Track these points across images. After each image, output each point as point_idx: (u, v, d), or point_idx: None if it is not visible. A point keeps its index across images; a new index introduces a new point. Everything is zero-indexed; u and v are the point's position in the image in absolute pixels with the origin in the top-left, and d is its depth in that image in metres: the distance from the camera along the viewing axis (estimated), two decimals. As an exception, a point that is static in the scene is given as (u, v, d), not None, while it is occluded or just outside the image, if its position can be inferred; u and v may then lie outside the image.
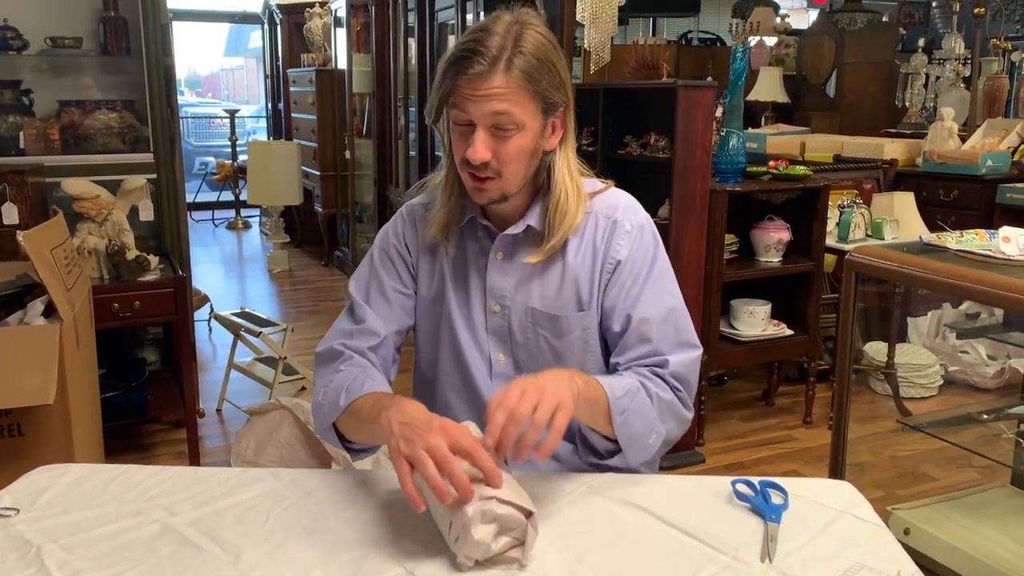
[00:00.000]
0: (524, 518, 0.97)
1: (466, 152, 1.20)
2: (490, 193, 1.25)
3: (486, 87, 1.16)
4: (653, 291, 1.30)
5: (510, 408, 1.01)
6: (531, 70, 1.18)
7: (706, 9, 6.35)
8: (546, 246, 1.28)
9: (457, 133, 1.23)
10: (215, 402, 3.48)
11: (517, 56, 1.17)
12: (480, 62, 1.16)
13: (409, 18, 4.84)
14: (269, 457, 2.27)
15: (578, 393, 1.09)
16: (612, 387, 1.19)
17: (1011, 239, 1.79)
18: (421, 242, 1.38)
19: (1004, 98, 4.64)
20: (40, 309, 2.09)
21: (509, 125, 1.19)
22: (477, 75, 1.16)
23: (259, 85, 9.90)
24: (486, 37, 1.17)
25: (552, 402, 1.03)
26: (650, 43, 4.67)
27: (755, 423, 3.34)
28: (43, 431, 2.02)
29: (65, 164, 3.03)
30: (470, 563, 0.97)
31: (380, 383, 1.25)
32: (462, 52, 1.18)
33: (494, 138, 1.20)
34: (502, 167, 1.21)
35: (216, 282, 5.68)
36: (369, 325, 1.33)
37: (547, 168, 1.29)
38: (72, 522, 1.07)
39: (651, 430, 1.23)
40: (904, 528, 2.11)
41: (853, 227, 3.38)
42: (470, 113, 1.18)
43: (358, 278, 1.40)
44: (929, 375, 3.53)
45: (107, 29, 3.13)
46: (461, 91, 1.18)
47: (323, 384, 1.28)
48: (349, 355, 1.30)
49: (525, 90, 1.18)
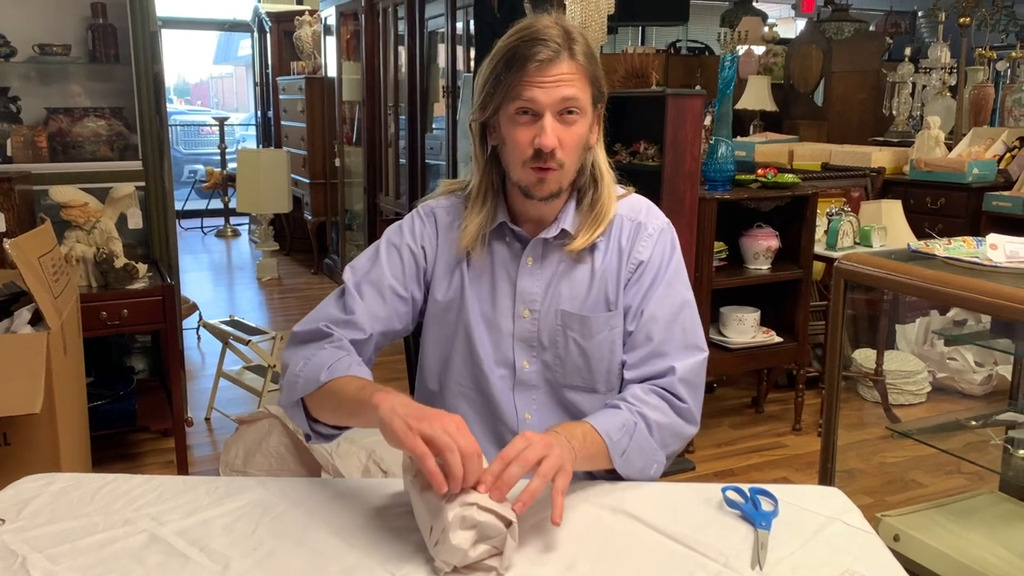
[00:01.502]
0: (504, 527, 0.97)
1: (538, 140, 1.21)
2: (551, 185, 1.26)
3: (555, 72, 1.20)
4: (665, 291, 1.32)
5: (516, 452, 1.03)
6: (589, 56, 1.23)
7: (695, 18, 6.37)
8: (587, 236, 1.31)
9: (518, 128, 1.24)
10: (204, 411, 3.46)
11: (575, 43, 1.22)
12: (546, 50, 1.19)
13: (399, 26, 4.85)
14: (258, 466, 2.26)
15: (575, 456, 1.12)
16: (608, 431, 1.19)
17: (998, 246, 1.80)
18: (442, 246, 1.36)
19: (990, 107, 4.69)
20: (27, 317, 2.07)
21: (575, 110, 1.22)
22: (546, 61, 1.19)
23: (248, 93, 9.88)
24: (543, 29, 1.21)
25: (556, 461, 1.05)
26: (639, 52, 4.68)
27: (745, 430, 3.35)
28: (30, 440, 2.00)
29: (53, 172, 3.02)
30: (447, 568, 0.97)
31: (366, 373, 1.21)
32: (523, 43, 1.20)
33: (561, 125, 1.23)
34: (566, 156, 1.24)
35: (205, 290, 5.66)
36: (357, 318, 1.29)
37: (593, 164, 1.32)
38: (58, 532, 1.06)
39: (652, 461, 1.25)
40: (894, 535, 2.12)
41: (841, 235, 3.40)
42: (539, 101, 1.20)
43: (356, 266, 1.35)
44: (917, 382, 3.55)
45: (96, 36, 3.12)
46: (530, 79, 1.20)
47: (304, 357, 1.23)
48: (338, 338, 1.27)
49: (586, 75, 1.23)
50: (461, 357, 1.36)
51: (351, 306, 1.30)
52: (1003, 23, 5.56)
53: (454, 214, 1.37)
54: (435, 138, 4.56)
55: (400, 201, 4.97)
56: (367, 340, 1.30)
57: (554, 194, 1.28)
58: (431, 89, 4.70)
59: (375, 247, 1.37)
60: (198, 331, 4.48)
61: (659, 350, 1.30)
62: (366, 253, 1.37)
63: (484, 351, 1.34)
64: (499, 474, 1.01)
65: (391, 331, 1.34)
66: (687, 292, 1.35)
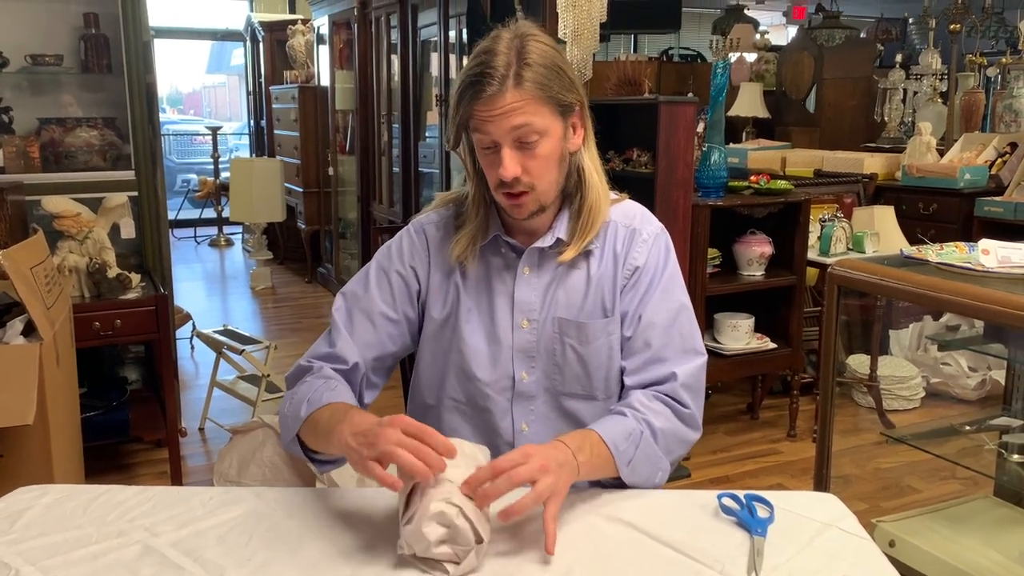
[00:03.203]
0: (474, 542, 0.98)
1: (499, 173, 1.22)
2: (527, 207, 1.26)
3: (500, 105, 1.19)
4: (661, 296, 1.32)
5: (507, 467, 1.03)
6: (540, 79, 1.20)
7: (687, 26, 6.40)
8: (579, 244, 1.30)
9: (485, 158, 1.25)
10: (197, 421, 3.45)
11: (524, 69, 1.19)
12: (490, 84, 1.18)
13: (392, 35, 4.85)
14: (252, 476, 2.25)
15: (578, 472, 1.12)
16: (615, 440, 1.19)
17: (990, 251, 1.81)
18: (434, 263, 1.37)
19: (981, 112, 4.71)
20: (20, 328, 2.06)
21: (532, 136, 1.21)
22: (490, 96, 1.18)
23: (241, 102, 9.87)
24: (490, 59, 1.19)
25: (551, 486, 1.04)
26: (632, 60, 4.70)
27: (740, 437, 3.35)
28: (22, 452, 1.99)
29: (45, 182, 3.01)
30: (408, 550, 0.98)
31: (341, 394, 1.23)
32: (471, 78, 1.20)
33: (521, 152, 1.22)
34: (534, 180, 1.24)
35: (198, 300, 5.65)
36: (339, 350, 1.32)
37: (577, 170, 1.31)
38: (51, 544, 1.06)
39: (657, 469, 1.25)
40: (889, 540, 2.12)
41: (834, 241, 3.41)
42: (491, 134, 1.20)
43: (348, 292, 1.38)
44: (911, 387, 3.56)
45: (88, 47, 3.11)
46: (478, 115, 1.20)
47: (290, 396, 1.28)
48: (318, 367, 1.30)
49: (538, 98, 1.20)
50: (456, 372, 1.36)
51: (334, 339, 1.33)
52: (993, 29, 5.59)
53: (444, 229, 1.37)
54: (428, 146, 4.56)
55: (394, 209, 4.97)
56: (353, 369, 1.32)
57: (534, 213, 1.28)
58: (424, 98, 4.70)
59: (365, 271, 1.39)
60: (191, 341, 4.47)
61: (658, 355, 1.30)
62: (357, 277, 1.39)
63: (480, 365, 1.34)
64: (484, 481, 1.01)
65: (386, 354, 1.36)
66: (684, 296, 1.35)
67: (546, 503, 1.03)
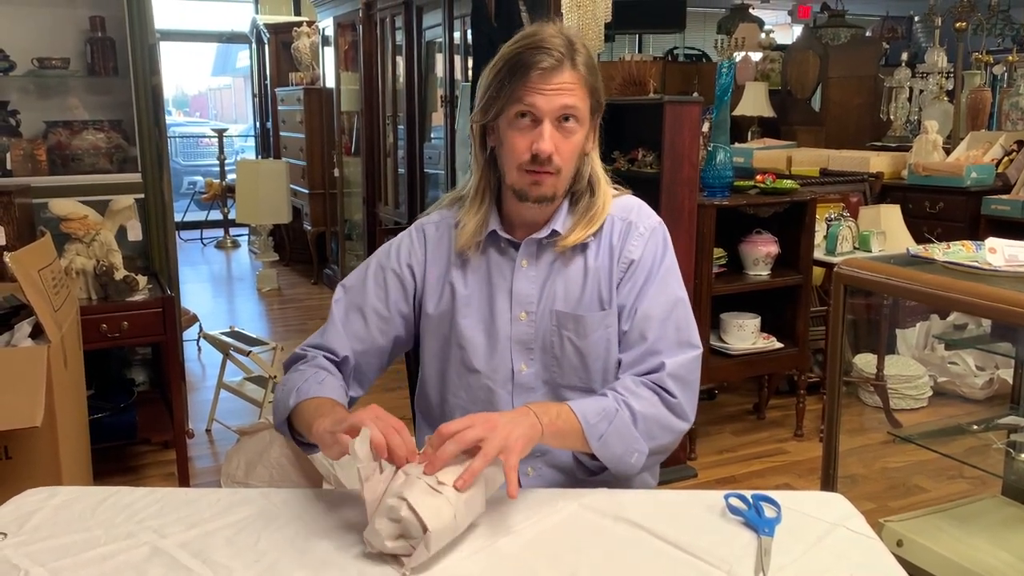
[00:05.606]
0: (421, 531, 0.99)
1: (535, 145, 1.24)
2: (546, 188, 1.28)
3: (557, 81, 1.22)
4: (657, 289, 1.33)
5: (454, 431, 1.06)
6: (590, 67, 1.26)
7: (691, 26, 6.39)
8: (580, 235, 1.32)
9: (516, 131, 1.26)
10: (205, 422, 3.46)
11: (578, 54, 1.24)
12: (549, 58, 1.21)
13: (397, 36, 4.86)
14: (259, 477, 2.25)
15: (542, 431, 1.15)
16: (585, 413, 1.22)
17: (997, 250, 1.80)
18: (430, 261, 1.39)
19: (987, 111, 4.70)
20: (27, 331, 2.07)
21: (573, 120, 1.25)
22: (549, 69, 1.22)
23: (247, 104, 9.90)
24: (546, 38, 1.23)
25: (498, 443, 1.07)
26: (636, 59, 4.70)
27: (746, 437, 3.34)
28: (31, 454, 2.00)
29: (52, 185, 3.01)
30: (371, 548, 1.01)
31: (330, 387, 1.27)
32: (526, 50, 1.23)
33: (559, 133, 1.25)
34: (562, 163, 1.27)
35: (205, 301, 5.66)
36: (332, 342, 1.36)
37: (588, 171, 1.34)
38: (60, 546, 1.06)
39: (632, 450, 1.25)
40: (897, 540, 2.11)
41: (840, 240, 3.40)
42: (539, 108, 1.23)
43: (346, 284, 1.42)
44: (918, 386, 3.54)
45: (94, 50, 3.12)
46: (532, 86, 1.22)
47: (283, 382, 1.33)
48: (312, 356, 1.35)
49: (586, 86, 1.25)
50: (456, 367, 1.38)
51: (328, 331, 1.38)
52: (999, 27, 5.58)
53: (443, 228, 1.40)
54: (433, 147, 4.57)
55: (399, 210, 4.97)
56: (343, 361, 1.36)
57: (548, 198, 1.30)
58: (429, 99, 4.71)
59: (365, 266, 1.43)
60: (198, 342, 4.48)
61: (653, 348, 1.31)
62: (358, 270, 1.43)
63: (480, 359, 1.36)
64: (435, 447, 1.05)
65: (376, 348, 1.39)
66: (680, 290, 1.36)
67: (504, 456, 1.07)
